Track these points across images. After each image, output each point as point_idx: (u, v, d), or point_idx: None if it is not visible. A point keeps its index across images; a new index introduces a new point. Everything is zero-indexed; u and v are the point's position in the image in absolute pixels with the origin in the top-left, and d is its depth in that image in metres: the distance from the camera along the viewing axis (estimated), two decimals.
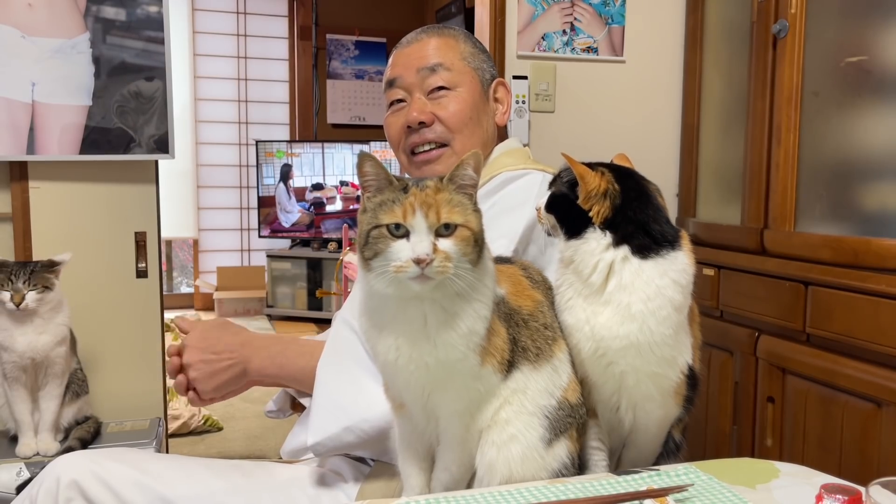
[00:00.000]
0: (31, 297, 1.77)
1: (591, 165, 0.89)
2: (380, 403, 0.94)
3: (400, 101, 1.27)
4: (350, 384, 1.04)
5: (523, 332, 0.85)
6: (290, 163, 4.98)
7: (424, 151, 1.25)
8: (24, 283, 1.77)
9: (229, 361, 1.13)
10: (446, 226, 0.76)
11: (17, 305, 1.75)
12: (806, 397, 1.71)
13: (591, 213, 0.86)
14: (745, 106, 1.95)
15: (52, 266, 1.82)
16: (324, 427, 1.04)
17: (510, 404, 0.83)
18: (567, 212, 0.88)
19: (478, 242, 0.78)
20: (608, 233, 0.86)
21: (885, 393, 1.50)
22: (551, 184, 0.93)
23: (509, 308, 0.85)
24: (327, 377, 1.08)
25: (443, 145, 1.24)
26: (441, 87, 1.23)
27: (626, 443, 0.95)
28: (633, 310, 0.84)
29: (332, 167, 5.00)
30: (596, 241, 0.86)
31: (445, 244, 0.75)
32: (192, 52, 5.34)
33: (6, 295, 1.76)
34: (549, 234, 0.93)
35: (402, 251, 0.75)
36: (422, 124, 1.23)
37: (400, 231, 0.76)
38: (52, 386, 1.84)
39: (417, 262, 0.74)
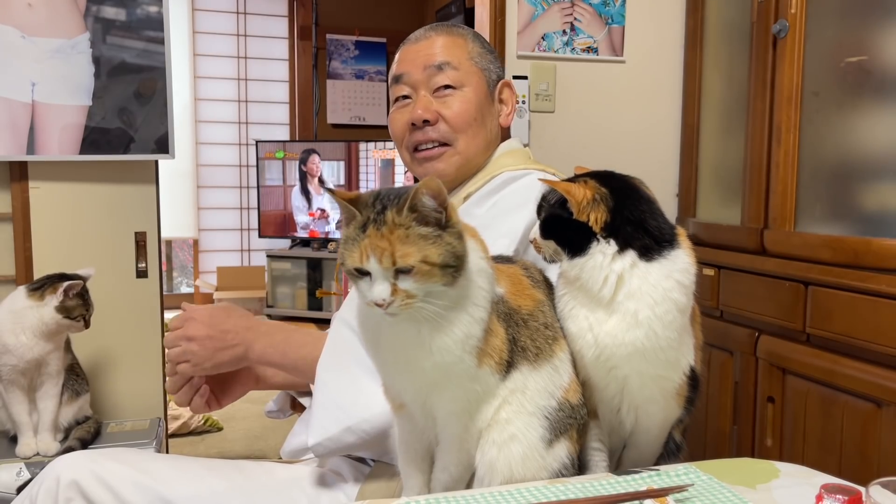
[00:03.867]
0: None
1: (571, 180, 0.89)
2: (380, 404, 0.94)
3: (405, 97, 1.26)
4: (350, 384, 1.04)
5: (523, 332, 0.84)
6: (304, 169, 4.97)
7: (427, 149, 1.25)
8: (90, 304, 1.86)
9: (233, 342, 1.12)
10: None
11: (86, 327, 1.86)
12: (806, 397, 1.71)
13: (590, 223, 0.85)
14: (745, 106, 1.95)
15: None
16: (325, 428, 1.04)
17: (509, 404, 0.82)
18: (565, 231, 0.87)
19: (447, 265, 0.76)
20: (612, 240, 0.85)
21: (885, 393, 1.50)
22: (538, 211, 0.91)
23: (508, 307, 0.84)
24: (328, 377, 1.08)
25: (445, 144, 1.24)
26: (447, 86, 1.23)
27: (626, 444, 0.95)
28: (640, 317, 0.83)
29: (333, 168, 5.00)
30: (602, 254, 0.84)
31: (406, 283, 0.75)
32: (192, 52, 5.34)
33: (80, 323, 1.83)
34: (552, 261, 0.90)
35: (367, 291, 0.76)
36: (426, 122, 1.22)
37: (363, 272, 0.76)
38: (49, 385, 1.84)
39: (377, 305, 0.75)
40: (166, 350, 1.16)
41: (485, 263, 0.82)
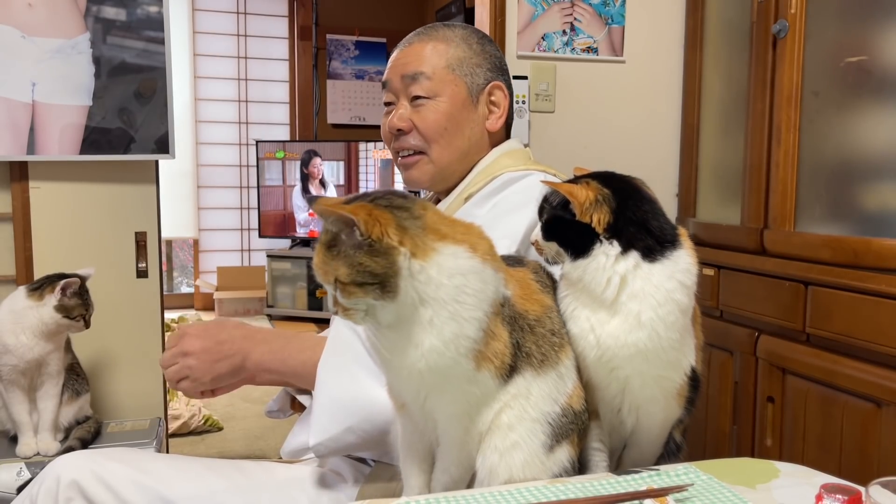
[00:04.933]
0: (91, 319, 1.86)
1: (572, 182, 0.89)
2: (381, 403, 0.94)
3: (391, 103, 1.29)
4: (351, 384, 1.04)
5: (528, 337, 0.83)
6: (306, 171, 4.96)
7: (404, 156, 1.28)
8: (90, 304, 1.85)
9: (229, 352, 1.12)
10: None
11: (87, 327, 1.84)
12: (806, 397, 1.71)
13: (592, 224, 0.84)
14: (745, 106, 1.95)
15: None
16: (325, 428, 1.04)
17: (511, 408, 0.82)
18: (567, 233, 0.87)
19: (363, 283, 0.75)
20: (615, 241, 0.84)
21: (885, 393, 1.50)
22: (540, 213, 0.91)
23: (514, 311, 0.83)
24: (328, 377, 1.08)
25: (420, 152, 1.26)
26: (420, 97, 1.24)
27: (627, 443, 0.95)
28: (642, 318, 0.83)
29: (333, 168, 5.00)
30: (605, 256, 0.84)
31: (339, 297, 0.78)
32: (192, 52, 5.34)
33: (80, 323, 1.81)
34: (553, 263, 0.90)
35: None
36: (400, 131, 1.25)
37: None
38: (49, 385, 1.84)
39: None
40: (165, 370, 1.15)
41: (474, 263, 0.79)
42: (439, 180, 1.28)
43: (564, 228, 0.87)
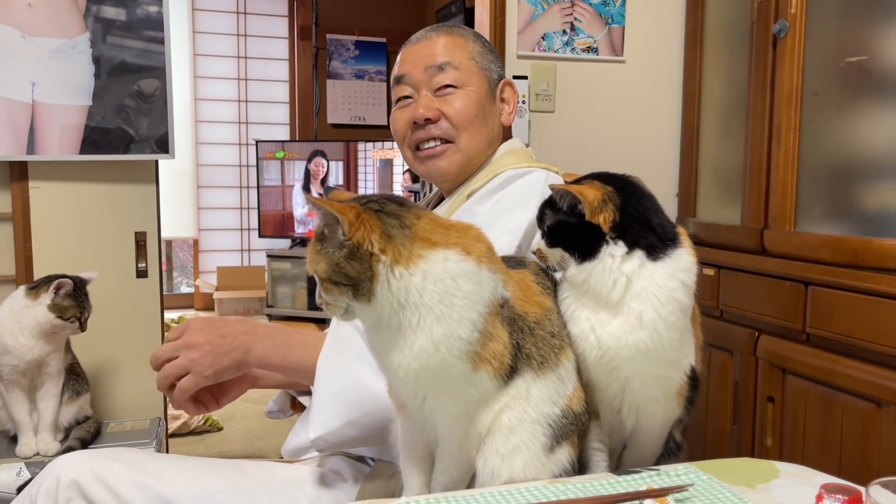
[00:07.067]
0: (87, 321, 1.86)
1: (576, 182, 0.88)
2: (382, 397, 0.94)
3: (407, 97, 1.28)
4: (351, 379, 1.04)
5: (528, 339, 0.83)
6: (309, 168, 4.96)
7: (429, 147, 1.26)
8: (86, 307, 1.85)
9: (232, 346, 1.11)
10: None
11: (82, 330, 1.84)
12: (806, 397, 1.71)
13: (600, 223, 0.84)
14: (745, 106, 1.95)
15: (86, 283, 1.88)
16: (326, 422, 1.04)
17: (511, 409, 0.82)
18: (573, 236, 0.86)
19: (338, 282, 0.77)
20: (620, 242, 0.84)
21: (885, 393, 1.50)
22: (540, 221, 0.91)
23: (514, 313, 0.83)
24: (328, 372, 1.08)
25: (447, 141, 1.25)
26: (448, 85, 1.24)
27: (627, 443, 0.95)
28: (644, 318, 0.83)
29: (332, 168, 5.00)
30: (611, 257, 0.84)
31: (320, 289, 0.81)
32: (192, 52, 5.34)
33: (75, 325, 1.81)
34: (555, 270, 0.90)
35: None
36: (427, 121, 1.24)
37: None
38: (50, 385, 1.84)
39: None
40: (161, 365, 1.16)
41: (467, 265, 0.79)
42: (465, 170, 1.27)
43: (569, 232, 0.87)
